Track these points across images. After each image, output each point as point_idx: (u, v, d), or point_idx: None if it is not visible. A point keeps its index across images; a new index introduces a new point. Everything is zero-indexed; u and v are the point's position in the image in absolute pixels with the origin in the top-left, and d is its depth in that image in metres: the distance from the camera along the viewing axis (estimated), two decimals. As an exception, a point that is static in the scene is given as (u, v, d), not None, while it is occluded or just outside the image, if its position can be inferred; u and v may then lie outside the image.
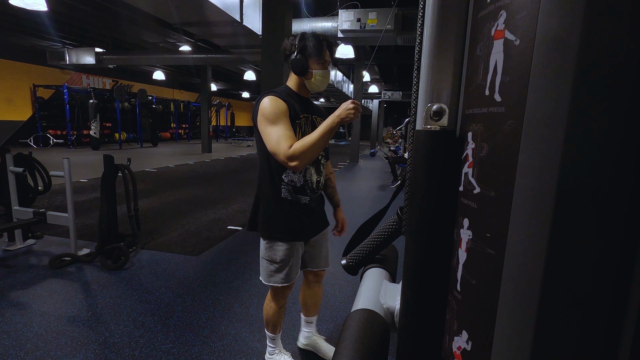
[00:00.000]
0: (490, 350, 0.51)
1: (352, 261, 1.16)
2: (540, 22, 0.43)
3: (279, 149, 1.31)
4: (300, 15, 6.80)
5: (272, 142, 1.33)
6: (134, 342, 1.96)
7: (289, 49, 1.44)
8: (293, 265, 1.54)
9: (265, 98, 1.39)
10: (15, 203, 3.23)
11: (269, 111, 1.35)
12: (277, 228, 1.49)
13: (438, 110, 0.63)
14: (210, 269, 2.97)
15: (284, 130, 1.34)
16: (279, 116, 1.35)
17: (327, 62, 1.47)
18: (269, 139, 1.35)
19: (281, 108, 1.37)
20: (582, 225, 0.43)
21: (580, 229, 0.43)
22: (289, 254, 1.52)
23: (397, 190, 1.14)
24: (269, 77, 4.27)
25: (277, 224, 1.49)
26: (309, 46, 1.41)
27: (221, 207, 5.14)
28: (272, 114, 1.35)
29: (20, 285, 2.56)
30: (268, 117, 1.35)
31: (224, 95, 24.40)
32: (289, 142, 1.31)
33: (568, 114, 0.42)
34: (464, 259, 0.57)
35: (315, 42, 1.42)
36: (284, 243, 1.51)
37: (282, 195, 1.47)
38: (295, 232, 1.52)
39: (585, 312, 0.44)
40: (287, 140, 1.31)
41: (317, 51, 1.42)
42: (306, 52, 1.41)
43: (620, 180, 0.41)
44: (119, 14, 7.74)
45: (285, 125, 1.35)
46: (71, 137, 13.11)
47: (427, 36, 0.68)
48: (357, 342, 0.77)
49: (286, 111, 1.38)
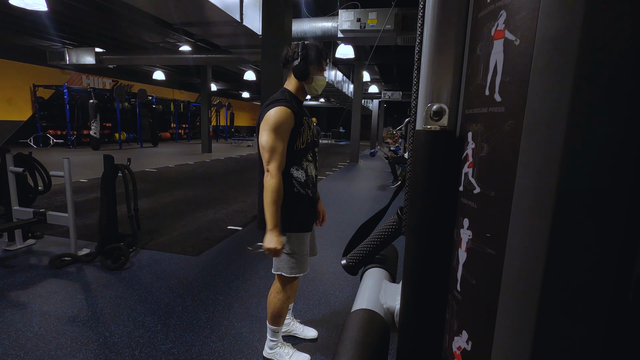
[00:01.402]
0: (490, 350, 0.51)
1: (352, 261, 1.16)
2: (540, 22, 0.43)
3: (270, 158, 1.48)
4: (300, 15, 6.80)
5: (266, 149, 1.48)
6: (134, 342, 1.96)
7: (291, 55, 1.58)
8: (307, 255, 1.69)
9: (276, 107, 1.49)
10: (15, 203, 3.23)
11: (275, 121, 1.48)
12: (295, 221, 1.61)
13: (438, 110, 0.63)
14: (210, 269, 2.97)
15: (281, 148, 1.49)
16: (282, 130, 1.49)
17: (325, 70, 1.66)
18: (265, 144, 1.48)
19: (288, 122, 1.50)
20: (582, 225, 0.43)
21: (580, 228, 0.43)
22: (306, 244, 1.66)
23: (397, 190, 1.14)
24: (269, 77, 4.26)
25: (294, 217, 1.60)
26: (310, 54, 1.56)
27: (221, 207, 5.14)
28: (277, 126, 1.48)
29: (20, 285, 2.56)
30: (272, 126, 1.47)
31: (224, 95, 24.40)
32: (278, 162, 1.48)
33: (568, 113, 0.42)
34: (464, 258, 0.57)
35: (316, 51, 1.59)
36: (301, 234, 1.63)
37: (295, 190, 1.59)
38: (308, 223, 1.67)
39: (585, 311, 0.44)
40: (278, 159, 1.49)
41: (318, 59, 1.59)
42: (308, 59, 1.56)
43: (620, 180, 0.41)
44: (119, 14, 7.74)
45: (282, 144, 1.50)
46: (71, 137, 13.11)
47: (427, 36, 0.68)
48: (357, 342, 0.77)
49: (290, 124, 1.51)
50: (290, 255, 1.62)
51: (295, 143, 1.55)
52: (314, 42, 1.61)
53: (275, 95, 1.58)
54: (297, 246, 1.62)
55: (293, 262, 1.63)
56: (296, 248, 1.62)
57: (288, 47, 1.59)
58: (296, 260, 1.63)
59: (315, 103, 24.25)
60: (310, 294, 2.59)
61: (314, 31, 6.67)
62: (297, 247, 1.62)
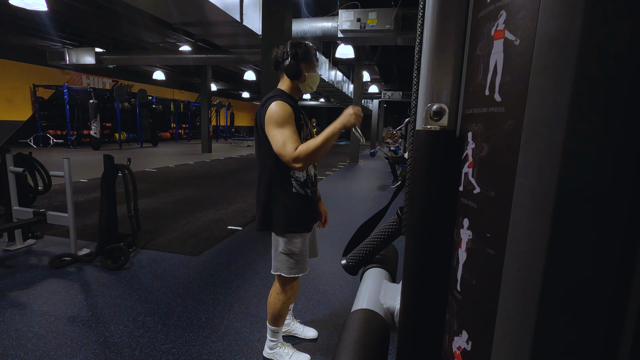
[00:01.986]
0: (490, 350, 0.51)
1: (352, 261, 1.16)
2: (540, 22, 0.43)
3: (285, 150, 1.42)
4: (300, 15, 6.80)
5: (279, 144, 1.44)
6: (134, 342, 1.96)
7: (281, 56, 1.55)
8: (307, 255, 1.68)
9: (273, 103, 1.48)
10: (15, 203, 3.23)
11: (277, 115, 1.45)
12: (294, 222, 1.59)
13: (438, 110, 0.63)
14: (210, 269, 2.97)
15: (290, 134, 1.44)
16: (286, 120, 1.46)
17: (315, 66, 1.63)
18: (275, 141, 1.45)
19: (289, 112, 1.47)
20: (582, 225, 0.43)
21: (580, 228, 0.43)
22: (305, 244, 1.65)
23: (397, 190, 1.14)
24: (269, 77, 4.26)
25: (293, 217, 1.59)
26: (300, 52, 1.54)
27: (221, 207, 5.14)
28: (281, 118, 1.45)
29: (20, 285, 2.56)
30: (277, 120, 1.45)
31: (224, 95, 24.39)
32: (295, 145, 1.42)
33: (568, 113, 0.42)
34: (464, 259, 0.57)
35: (305, 48, 1.56)
36: (300, 235, 1.62)
37: (294, 191, 1.57)
38: (308, 224, 1.65)
39: (585, 312, 0.44)
40: (293, 143, 1.43)
41: (308, 56, 1.56)
42: (298, 57, 1.54)
43: (620, 180, 0.41)
44: (119, 14, 7.74)
45: (292, 128, 1.46)
46: (71, 137, 13.11)
47: (427, 36, 0.68)
48: (357, 342, 0.77)
49: (292, 115, 1.49)
50: (289, 256, 1.61)
51: None
52: (301, 40, 1.60)
53: (270, 94, 1.57)
54: (295, 246, 1.61)
55: (292, 263, 1.62)
56: (295, 248, 1.61)
57: (277, 49, 1.58)
58: (295, 261, 1.62)
59: (315, 103, 24.25)
60: (310, 294, 2.59)
61: (314, 31, 6.67)
62: (295, 247, 1.61)
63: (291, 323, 2.08)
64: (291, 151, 1.41)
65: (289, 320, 2.06)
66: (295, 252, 1.61)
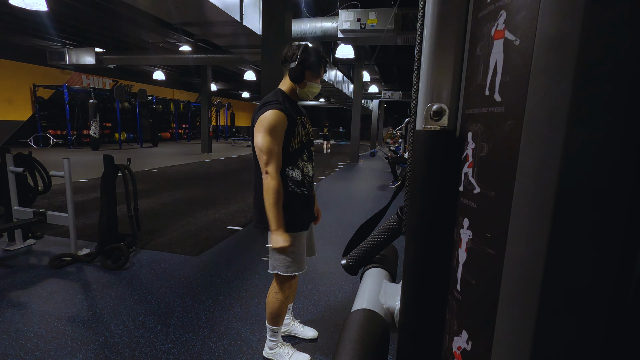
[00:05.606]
0: (490, 350, 0.51)
1: (352, 261, 1.16)
2: (540, 22, 0.43)
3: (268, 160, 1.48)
4: (300, 15, 6.80)
5: (263, 151, 1.49)
6: (134, 342, 1.96)
7: (291, 56, 1.55)
8: (304, 253, 1.69)
9: (270, 111, 1.49)
10: (15, 203, 3.23)
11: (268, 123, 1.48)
12: (290, 220, 1.59)
13: (438, 110, 0.63)
14: (210, 269, 2.97)
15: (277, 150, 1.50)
16: (276, 131, 1.49)
17: (321, 77, 1.63)
18: (262, 147, 1.49)
19: (281, 124, 1.50)
20: (581, 225, 0.43)
21: (580, 228, 0.43)
22: (301, 242, 1.66)
23: (397, 190, 1.14)
24: (269, 77, 4.26)
25: (289, 216, 1.59)
26: (309, 60, 1.53)
27: (221, 207, 5.14)
28: (270, 127, 1.48)
29: (20, 285, 2.56)
30: (265, 127, 1.48)
31: (224, 95, 24.39)
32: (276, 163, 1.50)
33: (568, 113, 0.42)
34: (464, 259, 0.57)
35: (316, 58, 1.55)
36: (297, 233, 1.62)
37: (290, 190, 1.59)
38: (304, 223, 1.67)
39: (584, 312, 0.44)
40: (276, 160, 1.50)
41: (316, 66, 1.56)
42: (305, 64, 1.54)
43: (620, 180, 0.41)
44: (119, 14, 7.74)
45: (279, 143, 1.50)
46: (71, 137, 13.11)
47: (427, 36, 0.68)
48: (357, 342, 0.77)
49: (284, 126, 1.51)
50: (286, 254, 1.62)
51: (290, 143, 1.55)
52: (316, 47, 1.59)
53: (268, 97, 1.58)
54: (292, 245, 1.61)
55: (289, 261, 1.62)
56: (291, 247, 1.61)
57: (289, 47, 1.58)
58: (292, 259, 1.62)
59: (315, 103, 24.25)
60: (310, 294, 2.59)
61: (313, 31, 6.67)
62: (292, 246, 1.61)
63: (291, 323, 2.07)
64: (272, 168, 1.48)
65: (288, 320, 2.06)
66: (292, 251, 1.61)
